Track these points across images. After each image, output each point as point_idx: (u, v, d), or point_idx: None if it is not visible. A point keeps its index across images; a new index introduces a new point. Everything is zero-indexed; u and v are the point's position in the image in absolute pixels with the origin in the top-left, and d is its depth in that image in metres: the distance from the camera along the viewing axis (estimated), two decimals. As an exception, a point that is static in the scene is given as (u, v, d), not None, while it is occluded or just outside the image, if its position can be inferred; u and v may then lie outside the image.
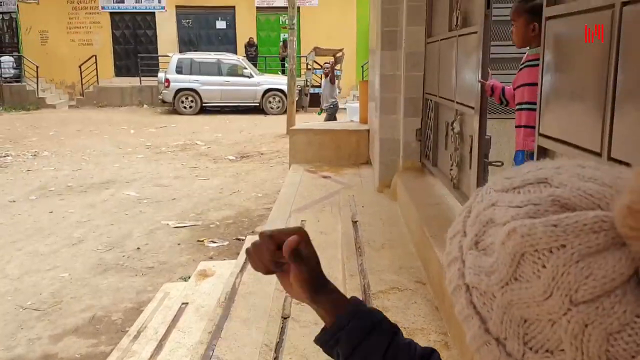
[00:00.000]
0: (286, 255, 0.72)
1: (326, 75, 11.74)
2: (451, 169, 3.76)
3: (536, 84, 2.61)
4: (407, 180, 4.61)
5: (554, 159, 2.02)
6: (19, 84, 18.80)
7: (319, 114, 12.24)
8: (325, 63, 12.53)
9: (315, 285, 0.74)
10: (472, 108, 3.20)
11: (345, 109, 11.55)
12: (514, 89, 2.89)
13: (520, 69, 2.86)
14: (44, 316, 4.16)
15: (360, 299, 0.79)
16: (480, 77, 3.03)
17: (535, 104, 2.60)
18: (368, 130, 7.05)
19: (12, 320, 4.09)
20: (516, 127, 2.86)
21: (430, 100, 4.54)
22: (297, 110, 12.89)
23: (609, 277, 0.37)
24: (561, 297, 0.38)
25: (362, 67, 18.47)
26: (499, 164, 3.25)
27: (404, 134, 4.92)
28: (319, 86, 15.99)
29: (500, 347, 0.43)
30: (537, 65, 2.61)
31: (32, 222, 6.38)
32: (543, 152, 2.08)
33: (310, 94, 17.00)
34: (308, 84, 17.07)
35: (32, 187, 8.03)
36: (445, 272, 0.50)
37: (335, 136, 7.16)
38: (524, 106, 2.77)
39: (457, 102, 3.60)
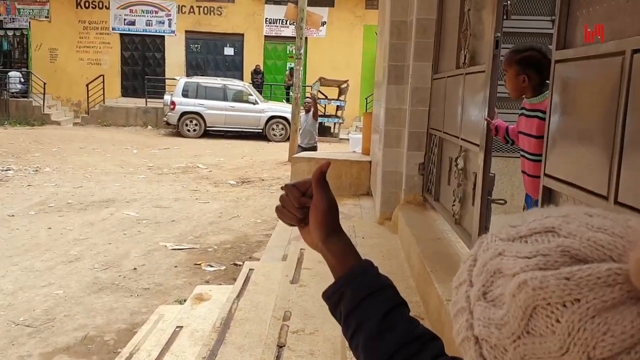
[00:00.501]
0: (314, 179, 0.77)
1: (307, 111, 10.20)
2: (453, 205, 3.76)
3: (532, 136, 2.63)
4: (408, 214, 4.61)
5: (560, 202, 2.01)
6: (26, 99, 18.98)
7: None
8: (307, 97, 11.48)
9: (331, 225, 0.79)
10: (477, 145, 3.22)
11: (347, 139, 11.53)
12: (518, 132, 2.92)
13: (520, 114, 2.88)
14: (35, 333, 4.11)
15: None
16: (486, 115, 3.04)
17: (532, 154, 2.62)
18: (370, 162, 7.08)
19: (4, 336, 4.04)
20: (522, 171, 2.87)
21: (435, 136, 4.57)
22: (299, 139, 12.96)
23: (627, 333, 0.36)
24: (578, 354, 0.37)
25: (366, 99, 18.66)
26: (502, 201, 3.26)
27: (407, 167, 4.93)
28: (323, 115, 16.12)
29: None
30: (533, 117, 2.63)
31: (29, 238, 6.35)
32: (548, 193, 2.09)
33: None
34: (312, 112, 17.18)
35: (32, 202, 8.02)
36: (452, 321, 0.49)
37: (336, 166, 7.18)
38: (525, 155, 2.77)
39: (462, 139, 3.63)
